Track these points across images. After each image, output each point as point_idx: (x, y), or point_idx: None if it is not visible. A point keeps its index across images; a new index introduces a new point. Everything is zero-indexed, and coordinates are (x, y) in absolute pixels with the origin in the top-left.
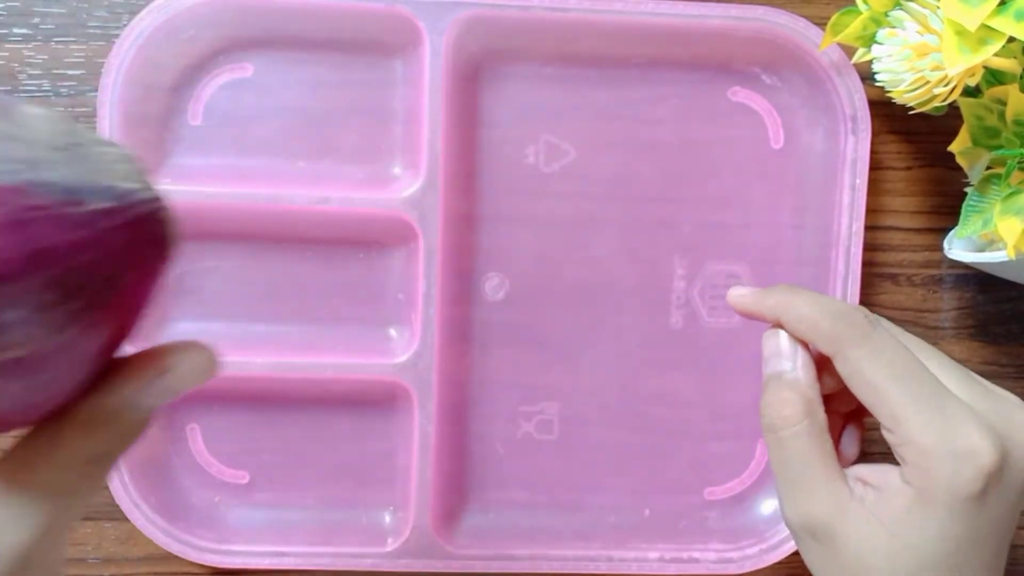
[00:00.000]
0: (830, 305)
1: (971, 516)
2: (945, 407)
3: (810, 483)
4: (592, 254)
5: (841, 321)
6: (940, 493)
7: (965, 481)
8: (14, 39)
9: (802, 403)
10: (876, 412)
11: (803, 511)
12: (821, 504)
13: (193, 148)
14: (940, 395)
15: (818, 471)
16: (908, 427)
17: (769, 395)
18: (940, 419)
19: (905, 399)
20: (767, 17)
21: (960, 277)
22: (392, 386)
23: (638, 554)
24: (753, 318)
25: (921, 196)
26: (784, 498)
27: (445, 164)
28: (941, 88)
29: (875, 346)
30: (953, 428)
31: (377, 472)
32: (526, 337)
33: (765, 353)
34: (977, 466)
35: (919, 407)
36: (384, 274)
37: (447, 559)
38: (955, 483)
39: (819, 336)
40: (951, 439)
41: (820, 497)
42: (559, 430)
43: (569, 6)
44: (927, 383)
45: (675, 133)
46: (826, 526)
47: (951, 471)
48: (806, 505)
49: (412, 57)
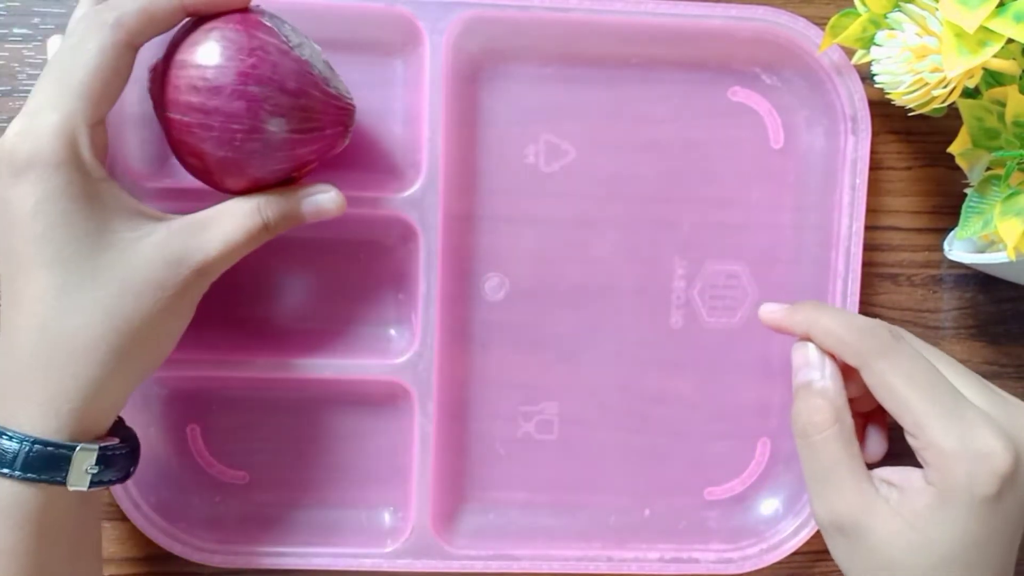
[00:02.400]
0: (855, 320)
1: (987, 515)
2: (964, 414)
3: (839, 483)
4: (592, 254)
5: (866, 335)
6: (959, 492)
7: (982, 482)
8: (14, 39)
9: (831, 410)
10: (900, 419)
11: (833, 509)
12: (849, 502)
13: None
14: (959, 403)
15: (846, 472)
16: (930, 432)
17: (800, 403)
18: (959, 425)
19: (927, 407)
20: (767, 17)
21: (960, 277)
22: (392, 386)
23: (638, 554)
24: (783, 332)
25: (921, 196)
26: (814, 497)
27: (445, 164)
28: (940, 90)
29: (898, 358)
30: (971, 432)
31: (377, 472)
32: (526, 337)
33: (795, 364)
34: (992, 468)
35: (940, 414)
36: (384, 274)
37: (447, 559)
38: (973, 483)
39: (846, 349)
40: (969, 442)
41: (848, 496)
42: (559, 430)
43: (569, 6)
44: (947, 392)
45: (675, 133)
46: (854, 523)
47: (969, 472)
48: (836, 504)
49: (412, 57)
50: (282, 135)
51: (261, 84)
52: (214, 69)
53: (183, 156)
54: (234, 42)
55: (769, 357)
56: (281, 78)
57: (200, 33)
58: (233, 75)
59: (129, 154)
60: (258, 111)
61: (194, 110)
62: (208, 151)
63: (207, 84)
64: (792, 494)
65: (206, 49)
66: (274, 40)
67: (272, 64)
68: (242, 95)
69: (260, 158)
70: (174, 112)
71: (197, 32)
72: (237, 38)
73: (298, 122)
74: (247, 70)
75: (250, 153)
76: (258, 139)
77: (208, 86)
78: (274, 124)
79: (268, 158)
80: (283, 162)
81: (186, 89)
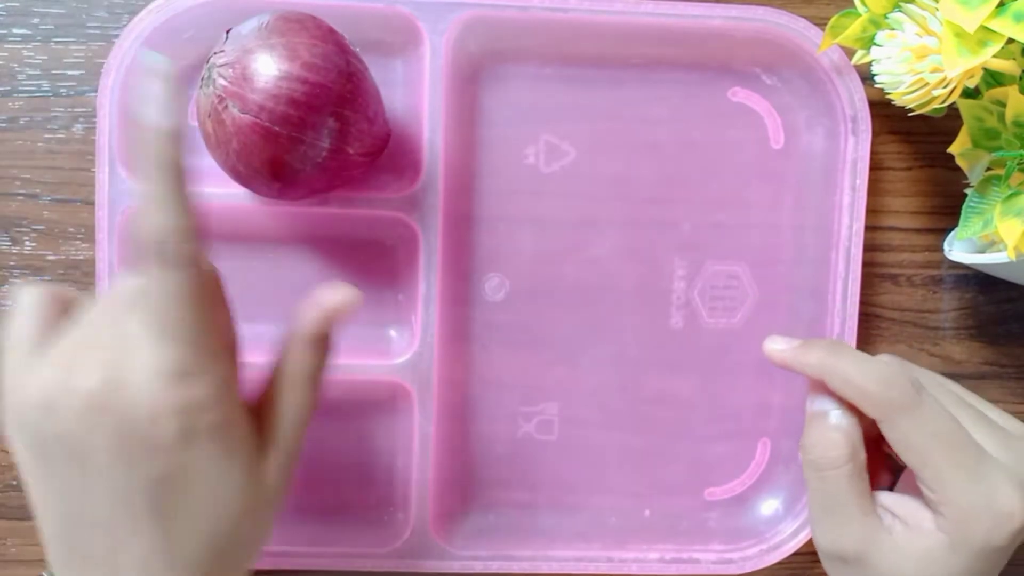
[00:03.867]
0: (876, 371)
1: (996, 559)
2: (986, 472)
3: (846, 518)
4: (592, 254)
5: (890, 389)
6: (974, 543)
7: (997, 536)
8: (14, 39)
9: (848, 446)
10: (919, 473)
11: (837, 541)
12: (854, 536)
13: (193, 148)
14: (980, 460)
15: (855, 508)
16: (950, 490)
17: (815, 434)
18: (981, 484)
19: (949, 466)
20: (767, 17)
21: (960, 277)
22: (392, 386)
23: (638, 554)
24: (791, 371)
25: (921, 196)
26: (818, 527)
27: (445, 164)
28: (940, 90)
29: (922, 415)
30: (993, 492)
31: (377, 472)
32: (526, 337)
33: (810, 388)
34: (1012, 525)
35: (961, 473)
36: (384, 274)
37: (447, 559)
38: (990, 537)
39: (867, 401)
40: (991, 502)
41: (854, 529)
42: (559, 430)
43: (569, 6)
44: (969, 449)
45: (675, 133)
46: (857, 554)
47: (988, 528)
48: (840, 536)
49: (412, 57)
50: (355, 157)
51: (355, 110)
52: (317, 86)
53: (246, 159)
54: (335, 64)
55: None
56: (364, 103)
57: (302, 48)
58: (335, 97)
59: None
60: (347, 134)
61: (289, 122)
62: (288, 162)
63: (309, 100)
64: (792, 495)
65: (309, 65)
66: (361, 66)
67: (364, 91)
68: (339, 117)
69: (328, 174)
70: (264, 118)
71: (297, 45)
72: (338, 60)
73: (367, 147)
74: (345, 94)
75: (324, 169)
76: (338, 159)
77: (310, 103)
78: (352, 147)
79: (334, 176)
80: (338, 180)
81: (285, 100)
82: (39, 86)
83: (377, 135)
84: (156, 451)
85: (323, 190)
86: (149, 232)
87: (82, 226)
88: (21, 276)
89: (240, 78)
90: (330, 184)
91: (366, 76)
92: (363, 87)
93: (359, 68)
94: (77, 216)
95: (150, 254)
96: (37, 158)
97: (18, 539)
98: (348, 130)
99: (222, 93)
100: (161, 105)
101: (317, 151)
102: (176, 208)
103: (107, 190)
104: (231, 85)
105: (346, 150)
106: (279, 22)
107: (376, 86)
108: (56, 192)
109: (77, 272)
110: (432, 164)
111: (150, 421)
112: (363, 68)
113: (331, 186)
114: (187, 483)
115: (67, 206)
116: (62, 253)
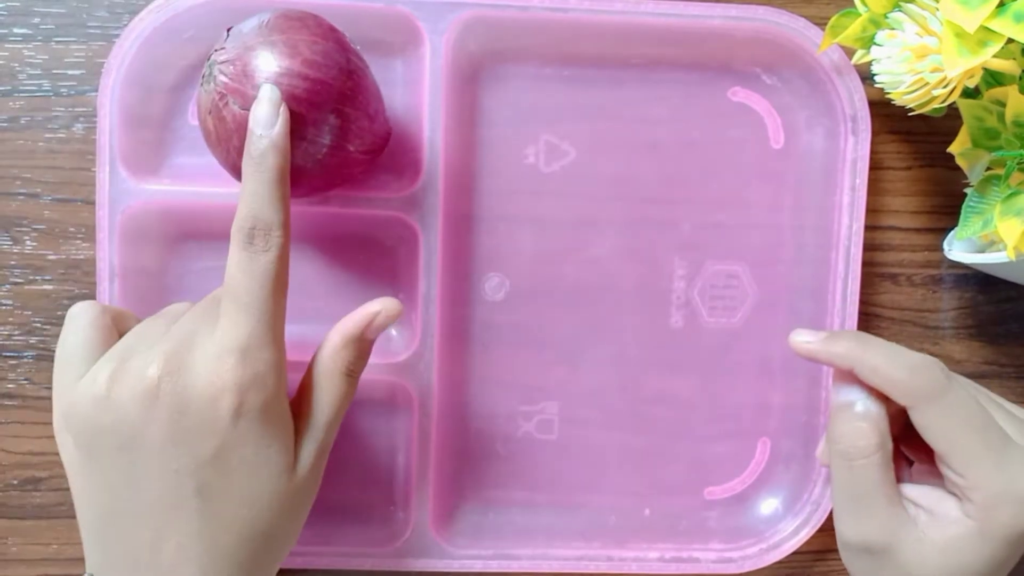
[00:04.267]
0: (906, 359)
1: (1019, 544)
2: (1013, 457)
3: (873, 508)
4: (592, 254)
5: (918, 376)
6: (1000, 529)
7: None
8: (14, 39)
9: (877, 435)
10: (947, 459)
11: (863, 531)
12: (881, 526)
13: (193, 148)
14: (1007, 446)
15: (881, 497)
16: (979, 475)
17: (843, 424)
18: (1008, 469)
19: (977, 450)
20: (767, 17)
21: (960, 277)
22: (392, 386)
23: (638, 554)
24: (818, 362)
25: (921, 196)
26: (844, 518)
27: (445, 164)
28: (940, 90)
29: (951, 402)
30: (1019, 477)
31: (377, 472)
32: (526, 337)
33: (835, 380)
34: None
35: (989, 458)
36: (384, 274)
37: (447, 559)
38: (1016, 523)
39: (895, 389)
40: (1018, 487)
41: (880, 520)
42: (559, 430)
43: (569, 6)
44: (996, 435)
45: (675, 133)
46: (884, 545)
47: (1015, 514)
48: (867, 526)
49: (412, 57)
50: (355, 155)
51: (355, 107)
52: (317, 83)
53: None
54: (336, 61)
55: (769, 357)
56: (365, 101)
57: (303, 45)
58: (336, 94)
59: (129, 154)
60: (347, 132)
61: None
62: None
63: (309, 97)
64: (792, 494)
65: (309, 62)
66: (362, 64)
67: (365, 88)
68: (340, 114)
69: (329, 172)
70: None
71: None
72: (339, 57)
73: (368, 145)
74: (346, 91)
75: (324, 167)
76: (339, 156)
77: (311, 99)
78: (353, 145)
79: (335, 174)
80: (339, 178)
81: (286, 97)
82: (40, 86)
83: (378, 133)
84: (211, 429)
85: (324, 188)
86: (247, 219)
87: (82, 226)
88: (21, 276)
89: (241, 75)
90: (331, 182)
91: (367, 74)
92: (364, 84)
93: (360, 66)
94: (78, 216)
95: (244, 238)
96: (38, 158)
97: (19, 538)
98: (349, 127)
99: (223, 90)
100: (270, 119)
101: (318, 148)
102: (273, 202)
103: (107, 190)
104: (232, 82)
105: (347, 147)
106: (280, 20)
107: (376, 84)
108: (57, 192)
109: (77, 272)
110: (432, 164)
111: (210, 398)
112: (364, 66)
113: (332, 184)
114: (231, 465)
115: (68, 206)
116: (63, 253)
